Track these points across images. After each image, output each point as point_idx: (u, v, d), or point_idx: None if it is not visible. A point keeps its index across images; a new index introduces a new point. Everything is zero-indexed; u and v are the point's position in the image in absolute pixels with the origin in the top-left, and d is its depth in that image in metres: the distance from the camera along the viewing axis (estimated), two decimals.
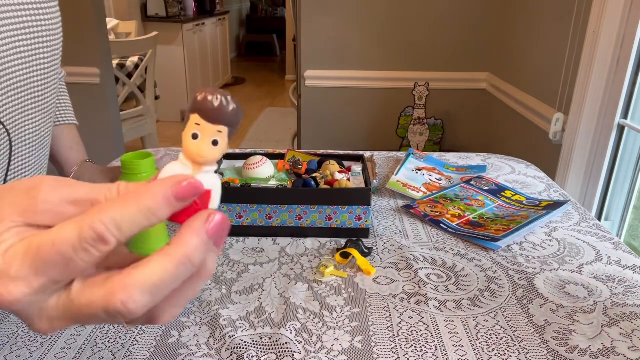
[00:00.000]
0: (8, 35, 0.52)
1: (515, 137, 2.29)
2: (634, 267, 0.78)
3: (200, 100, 0.28)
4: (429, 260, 0.80)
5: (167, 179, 0.27)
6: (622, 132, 1.61)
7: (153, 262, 0.26)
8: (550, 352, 0.60)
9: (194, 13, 4.96)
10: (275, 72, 7.27)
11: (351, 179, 0.92)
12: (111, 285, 0.25)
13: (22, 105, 0.57)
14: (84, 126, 0.95)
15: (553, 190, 1.08)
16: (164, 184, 0.27)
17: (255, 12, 8.42)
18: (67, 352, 0.59)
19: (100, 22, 2.46)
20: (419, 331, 0.63)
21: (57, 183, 0.28)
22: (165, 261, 0.26)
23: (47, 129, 0.64)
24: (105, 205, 0.26)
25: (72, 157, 0.84)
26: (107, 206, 0.26)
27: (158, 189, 0.26)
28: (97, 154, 1.52)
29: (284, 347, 0.60)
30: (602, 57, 1.58)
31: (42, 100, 0.60)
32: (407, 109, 2.68)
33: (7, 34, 0.51)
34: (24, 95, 0.56)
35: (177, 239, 0.27)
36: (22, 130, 0.58)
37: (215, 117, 0.28)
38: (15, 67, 0.54)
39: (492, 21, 2.50)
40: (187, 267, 0.27)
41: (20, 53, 0.54)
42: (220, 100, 0.28)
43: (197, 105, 0.28)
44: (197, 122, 0.28)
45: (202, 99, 0.28)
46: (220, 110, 0.28)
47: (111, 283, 0.25)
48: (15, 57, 0.53)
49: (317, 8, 2.51)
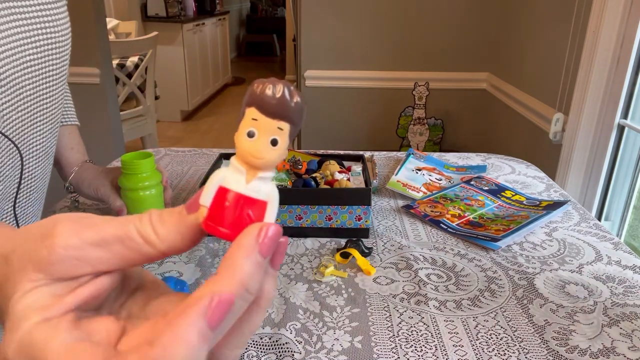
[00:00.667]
0: (18, 50, 0.51)
1: (515, 137, 2.29)
2: (634, 267, 0.78)
3: (259, 91, 0.24)
4: (429, 260, 0.80)
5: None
6: (622, 132, 1.61)
7: (202, 300, 0.21)
8: (550, 352, 0.60)
9: (194, 13, 4.96)
10: (275, 72, 7.27)
11: (351, 179, 0.92)
12: (161, 341, 0.20)
13: (31, 118, 0.56)
14: (84, 126, 0.95)
15: (553, 190, 1.08)
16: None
17: (255, 12, 8.41)
18: None
19: (100, 22, 2.46)
20: (419, 331, 0.63)
21: (75, 225, 0.24)
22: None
23: (53, 139, 0.64)
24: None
25: (73, 157, 0.84)
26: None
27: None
28: (97, 154, 1.52)
29: (284, 347, 0.60)
30: (602, 57, 1.58)
31: (50, 112, 0.59)
32: (407, 109, 2.68)
33: (17, 49, 0.50)
34: (32, 109, 0.56)
35: (227, 264, 0.22)
36: (30, 143, 0.58)
37: (275, 111, 0.24)
38: (24, 81, 0.53)
39: (492, 21, 2.50)
40: (243, 298, 0.22)
41: (29, 67, 0.53)
42: (283, 92, 0.24)
43: (255, 97, 0.24)
44: (254, 117, 0.24)
45: (261, 90, 0.24)
46: (282, 103, 0.24)
47: (161, 338, 0.20)
48: (24, 72, 0.52)
49: (317, 8, 2.51)
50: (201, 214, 0.24)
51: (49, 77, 0.57)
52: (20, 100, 0.53)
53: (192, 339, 0.20)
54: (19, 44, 0.51)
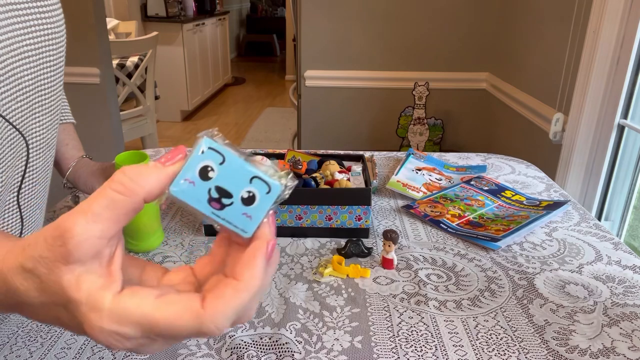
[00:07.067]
0: (16, 40, 0.51)
1: (515, 137, 2.29)
2: (634, 267, 0.78)
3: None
4: (429, 260, 0.80)
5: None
6: (622, 132, 1.61)
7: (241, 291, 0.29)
8: (550, 352, 0.60)
9: (194, 13, 4.96)
10: (275, 72, 7.27)
11: (351, 179, 0.92)
12: (209, 311, 0.28)
13: (31, 108, 0.56)
14: (84, 126, 0.95)
15: (553, 190, 1.08)
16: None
17: (255, 12, 8.41)
18: (67, 352, 0.59)
19: (100, 22, 2.46)
20: (419, 331, 0.63)
21: (72, 217, 0.29)
22: (244, 294, 0.29)
23: (54, 131, 0.64)
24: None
25: (69, 153, 0.84)
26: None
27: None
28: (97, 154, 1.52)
29: (284, 347, 0.60)
30: (602, 57, 1.57)
31: (49, 103, 0.60)
32: (407, 109, 2.68)
33: (14, 39, 0.51)
34: (32, 99, 0.56)
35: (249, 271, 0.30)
36: (31, 134, 0.58)
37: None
38: (23, 71, 0.53)
39: (492, 21, 2.50)
40: (260, 295, 0.31)
41: (27, 57, 0.54)
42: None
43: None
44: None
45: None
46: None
47: (209, 308, 0.29)
48: (23, 62, 0.53)
49: (317, 8, 2.51)
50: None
51: (47, 67, 0.57)
52: (19, 90, 0.53)
53: (261, 271, 0.30)
54: (16, 33, 0.51)
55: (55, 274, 0.28)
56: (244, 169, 0.31)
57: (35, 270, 0.29)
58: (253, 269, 0.30)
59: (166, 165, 0.30)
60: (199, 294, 0.29)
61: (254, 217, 0.31)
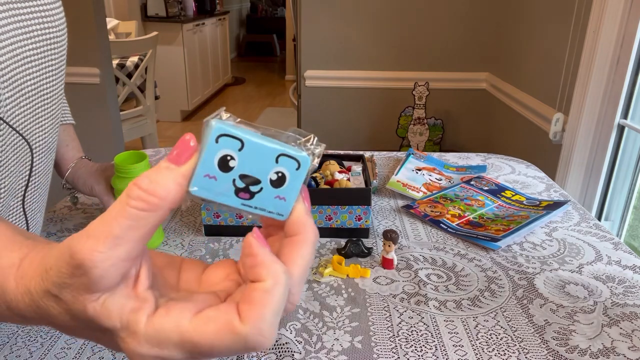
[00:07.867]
0: (18, 45, 0.51)
1: (515, 137, 2.29)
2: (634, 267, 0.78)
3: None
4: (429, 260, 0.80)
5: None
6: (622, 132, 1.61)
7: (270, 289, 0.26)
8: (550, 352, 0.60)
9: (194, 13, 4.96)
10: (275, 72, 7.27)
11: (351, 179, 0.92)
12: (249, 325, 0.26)
13: (33, 113, 0.56)
14: (84, 126, 0.95)
15: (553, 190, 1.08)
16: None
17: (255, 12, 8.41)
18: (67, 352, 0.59)
19: (100, 22, 2.46)
20: (419, 331, 0.63)
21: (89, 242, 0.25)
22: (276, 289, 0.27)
23: (55, 134, 0.64)
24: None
25: (69, 154, 0.84)
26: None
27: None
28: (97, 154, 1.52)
29: (284, 347, 0.60)
30: (602, 57, 1.57)
31: (51, 107, 0.60)
32: (407, 109, 2.68)
33: (16, 45, 0.51)
34: (34, 104, 0.56)
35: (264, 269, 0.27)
36: (35, 139, 0.58)
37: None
38: (25, 76, 0.53)
39: (492, 21, 2.50)
40: (303, 277, 0.29)
41: (29, 63, 0.53)
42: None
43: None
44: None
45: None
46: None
47: (248, 321, 0.26)
48: (25, 67, 0.53)
49: (317, 8, 2.51)
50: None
51: (49, 72, 0.57)
52: (22, 95, 0.53)
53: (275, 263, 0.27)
54: (18, 39, 0.51)
55: (79, 302, 0.26)
56: (267, 149, 0.27)
57: (61, 296, 0.27)
58: (270, 265, 0.27)
59: (180, 164, 0.27)
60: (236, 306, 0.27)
61: (288, 198, 0.29)
